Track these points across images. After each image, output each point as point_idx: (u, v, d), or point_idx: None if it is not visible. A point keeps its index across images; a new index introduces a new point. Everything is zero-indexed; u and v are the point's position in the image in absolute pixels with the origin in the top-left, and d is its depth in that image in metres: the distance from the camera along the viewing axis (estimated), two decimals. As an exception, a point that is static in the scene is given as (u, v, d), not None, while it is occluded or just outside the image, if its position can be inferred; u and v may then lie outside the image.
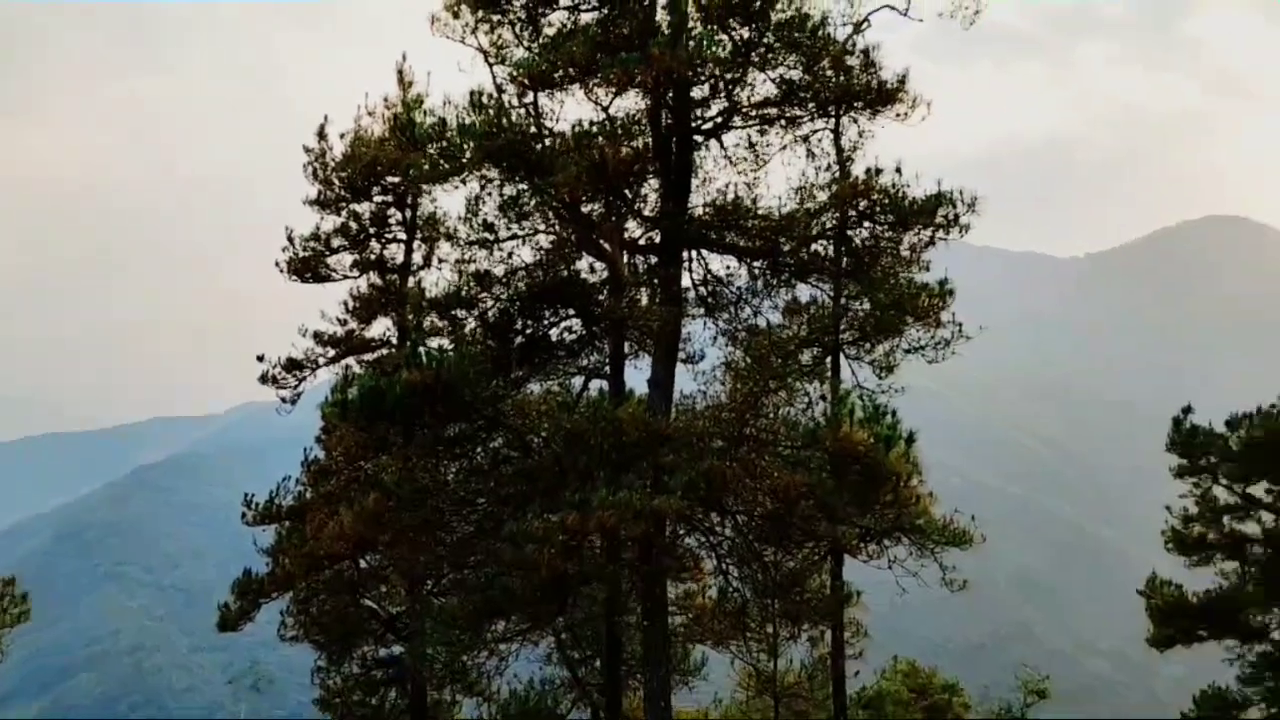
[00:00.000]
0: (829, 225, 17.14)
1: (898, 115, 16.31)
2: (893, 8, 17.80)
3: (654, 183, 17.03)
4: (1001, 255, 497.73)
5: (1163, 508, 31.00)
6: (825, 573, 21.03)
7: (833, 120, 18.74)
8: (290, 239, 24.48)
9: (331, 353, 24.91)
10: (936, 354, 19.45)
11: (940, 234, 16.44)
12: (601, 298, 18.16)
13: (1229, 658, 29.82)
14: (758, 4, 15.29)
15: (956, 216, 16.21)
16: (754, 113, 16.56)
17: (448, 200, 24.08)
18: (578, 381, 19.36)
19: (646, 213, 17.11)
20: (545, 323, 18.43)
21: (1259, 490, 29.44)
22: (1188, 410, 30.45)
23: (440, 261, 24.18)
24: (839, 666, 20.82)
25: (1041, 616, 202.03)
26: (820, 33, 15.57)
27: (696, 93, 16.31)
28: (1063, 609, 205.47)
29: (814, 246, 18.04)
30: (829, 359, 21.43)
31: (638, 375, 18.09)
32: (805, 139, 18.24)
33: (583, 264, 18.51)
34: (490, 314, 18.07)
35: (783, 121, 17.30)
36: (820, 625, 20.45)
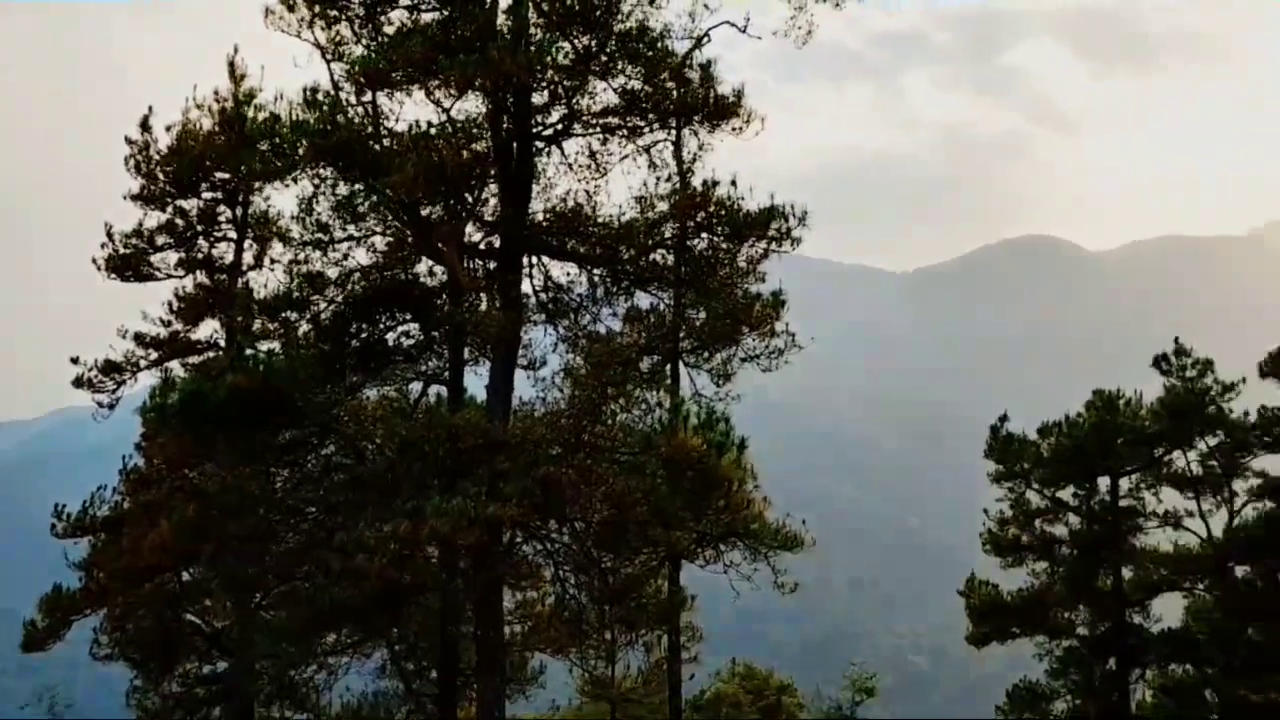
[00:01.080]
0: (668, 235, 17.36)
1: (734, 129, 16.66)
2: (732, 24, 18.19)
3: (494, 187, 16.90)
4: (835, 268, 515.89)
5: (981, 511, 32.71)
6: (663, 578, 21.32)
7: (673, 132, 19.04)
8: (109, 235, 23.22)
9: (154, 355, 23.76)
10: (771, 363, 20.01)
11: (773, 246, 16.89)
12: (440, 302, 17.91)
13: (1039, 653, 31.64)
14: (599, 13, 15.37)
15: (788, 229, 16.67)
16: (595, 121, 16.65)
17: (281, 199, 23.34)
18: (416, 387, 19.06)
19: (487, 217, 16.97)
20: (382, 327, 18.06)
21: (1067, 494, 31.40)
22: (1004, 419, 32.21)
23: (273, 262, 23.39)
24: (675, 670, 21.13)
25: (870, 615, 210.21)
26: (660, 45, 15.78)
27: (537, 98, 16.28)
28: (890, 608, 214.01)
29: (654, 256, 18.24)
30: (668, 366, 21.76)
31: (478, 381, 17.93)
32: (647, 149, 18.42)
33: (421, 268, 18.25)
34: (324, 317, 17.57)
35: (624, 131, 17.41)
36: (656, 630, 20.69)
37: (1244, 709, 28.65)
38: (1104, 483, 30.73)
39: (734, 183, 16.27)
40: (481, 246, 17.21)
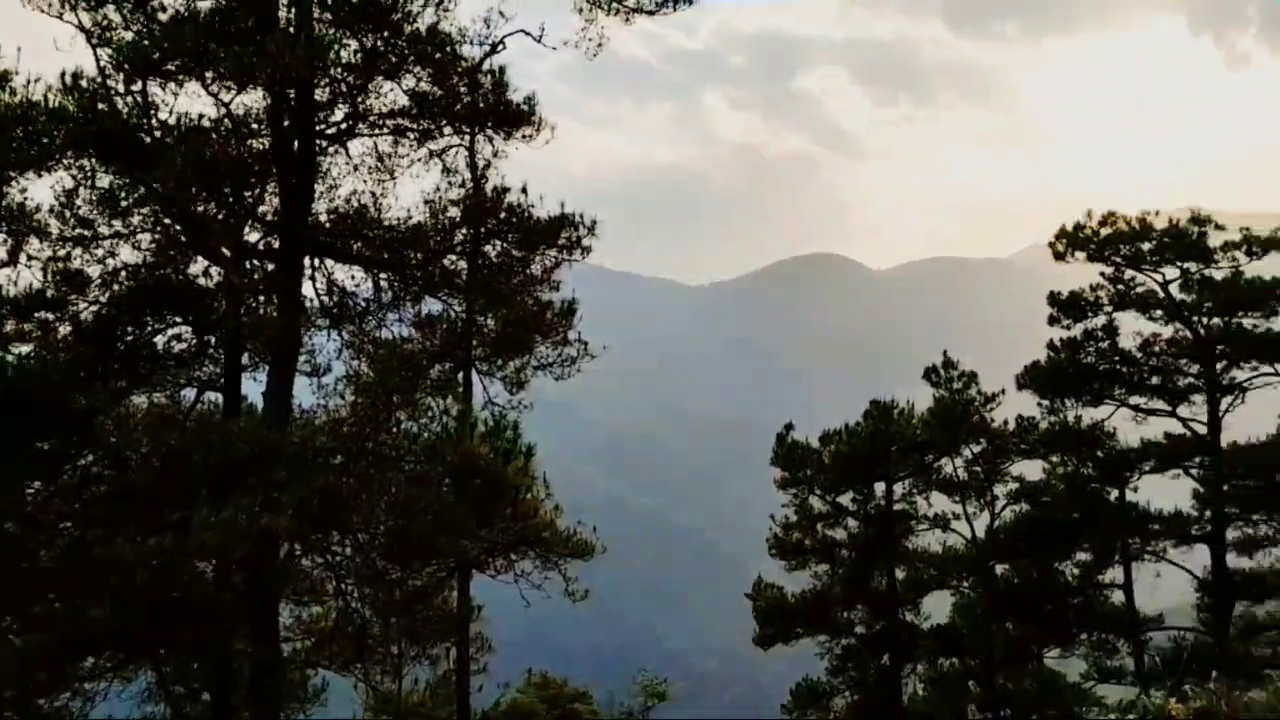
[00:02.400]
0: (459, 241, 17.13)
1: (524, 137, 16.59)
2: (528, 33, 18.15)
3: (275, 186, 16.19)
4: (636, 280, 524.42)
5: (769, 517, 33.86)
6: (452, 589, 21.00)
7: (467, 137, 18.85)
8: None
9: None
10: (563, 371, 20.09)
11: (564, 255, 16.95)
12: (216, 304, 17.00)
13: (820, 652, 33.02)
14: (387, 12, 14.99)
15: (579, 238, 16.77)
16: (383, 122, 16.23)
17: (39, 190, 21.57)
18: (190, 394, 18.01)
19: (267, 217, 16.23)
20: (150, 330, 16.95)
21: (847, 499, 32.94)
22: (789, 428, 33.49)
23: (30, 259, 21.57)
24: (464, 683, 20.84)
25: (664, 620, 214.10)
26: (450, 49, 15.56)
27: (321, 95, 15.70)
28: (684, 613, 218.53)
29: (445, 262, 17.96)
30: (461, 374, 21.50)
31: (258, 388, 17.10)
32: (439, 154, 18.17)
33: (196, 268, 17.24)
34: (84, 318, 16.35)
35: (415, 134, 17.08)
36: (445, 642, 20.33)
37: (1001, 697, 30.81)
38: (880, 488, 32.42)
39: (524, 190, 16.25)
40: (260, 247, 16.44)
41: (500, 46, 17.73)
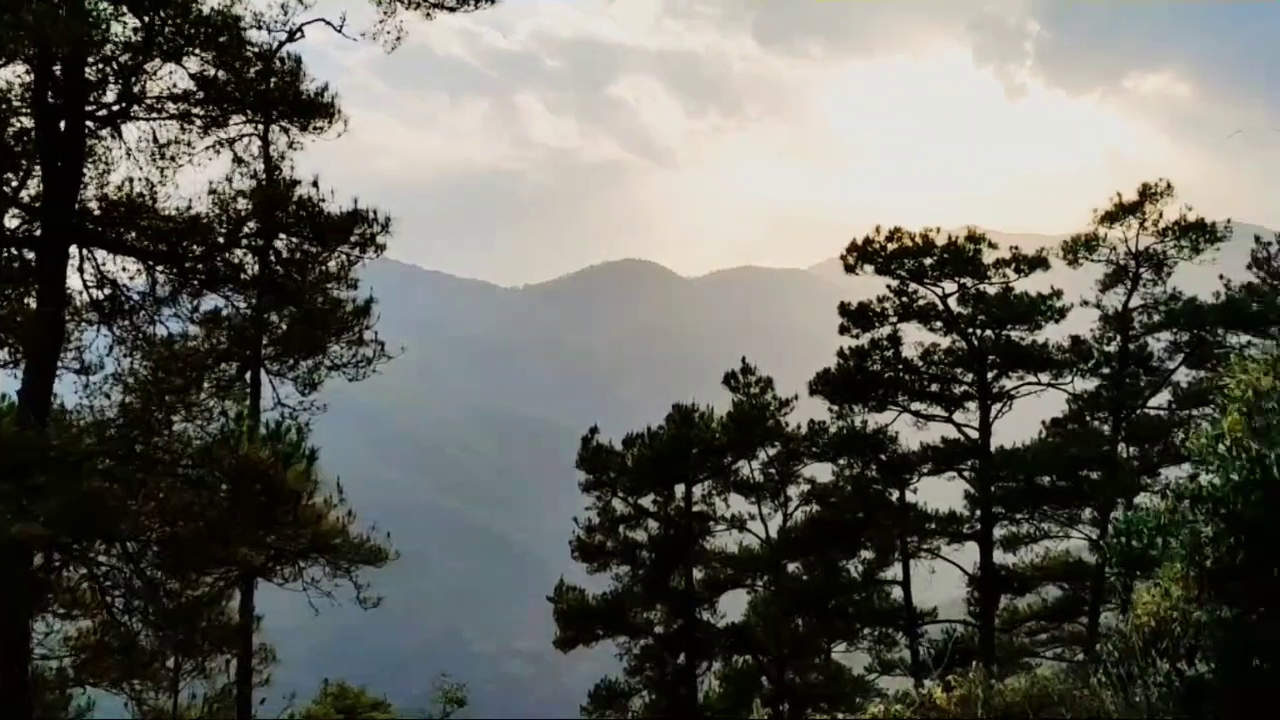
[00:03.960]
0: (245, 234, 16.34)
1: (316, 129, 16.02)
2: (328, 22, 17.59)
3: (38, 169, 14.95)
4: (451, 281, 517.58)
5: (573, 519, 33.98)
6: (233, 598, 20.02)
7: (261, 126, 18.06)
8: None
9: None
10: (358, 372, 19.47)
11: (357, 252, 16.44)
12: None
13: (619, 653, 33.38)
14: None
15: (373, 235, 16.32)
16: (162, 105, 15.27)
17: None
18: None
19: (27, 202, 14.96)
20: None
21: (648, 501, 33.44)
22: (594, 431, 33.74)
23: None
24: (245, 695, 19.92)
25: (471, 624, 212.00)
26: (237, 32, 14.81)
27: (92, 74, 14.63)
28: (489, 616, 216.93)
29: (232, 256, 17.11)
30: (249, 374, 20.51)
31: (16, 386, 15.76)
32: (230, 143, 17.35)
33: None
34: None
35: (201, 120, 16.18)
36: (225, 654, 19.32)
37: (789, 691, 31.99)
38: (680, 490, 33.07)
39: (315, 183, 15.66)
40: (20, 234, 15.14)
41: (298, 34, 17.12)
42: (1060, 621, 33.53)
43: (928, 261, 31.29)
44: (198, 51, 14.65)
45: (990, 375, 31.92)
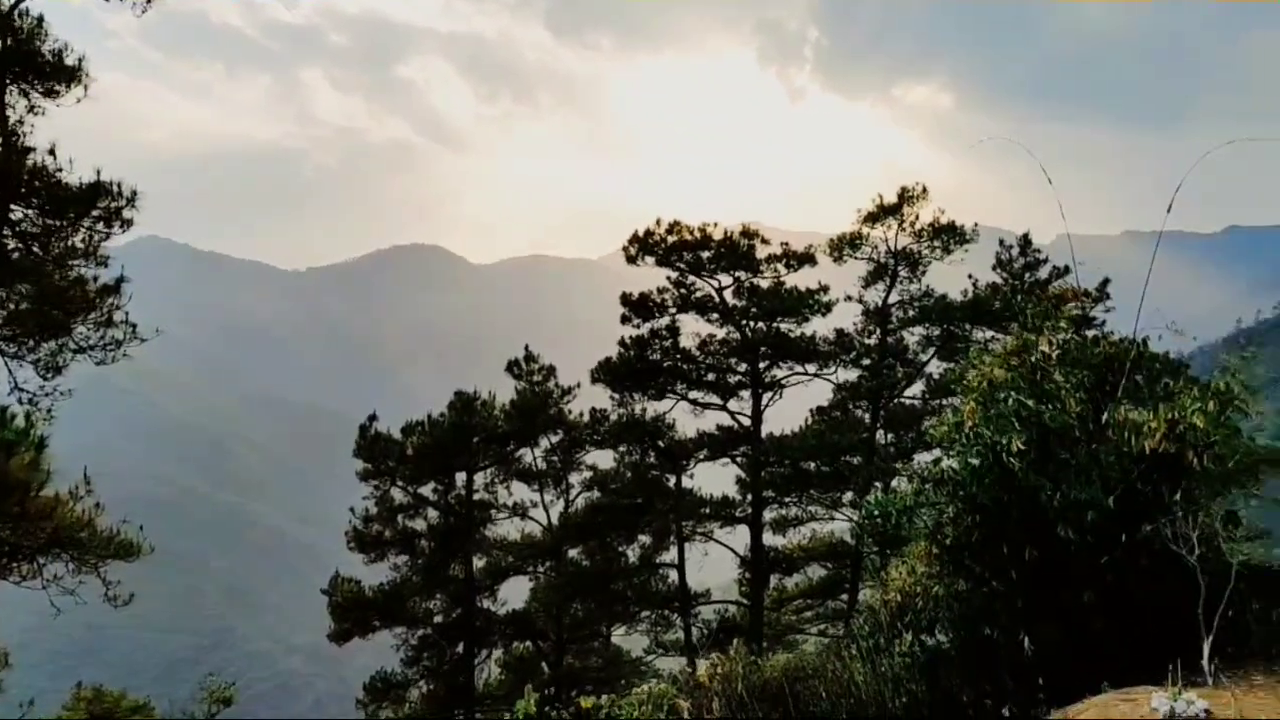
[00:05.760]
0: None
1: (52, 92, 14.87)
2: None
3: None
4: (226, 262, 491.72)
5: (349, 510, 33.10)
6: (-37, 600, 18.40)
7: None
8: None
9: None
10: (106, 355, 18.21)
11: (101, 226, 15.38)
12: None
13: (396, 644, 32.82)
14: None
15: (118, 209, 15.30)
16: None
17: None
18: None
19: None
20: None
21: (428, 490, 32.96)
22: (373, 418, 32.95)
23: None
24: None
25: (245, 620, 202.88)
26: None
27: None
28: (265, 611, 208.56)
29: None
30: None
31: None
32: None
33: None
34: None
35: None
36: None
37: (569, 675, 32.35)
38: (461, 478, 32.79)
39: (52, 152, 14.53)
40: None
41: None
42: (824, 599, 35.29)
43: (705, 255, 32.21)
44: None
45: (762, 365, 33.21)
